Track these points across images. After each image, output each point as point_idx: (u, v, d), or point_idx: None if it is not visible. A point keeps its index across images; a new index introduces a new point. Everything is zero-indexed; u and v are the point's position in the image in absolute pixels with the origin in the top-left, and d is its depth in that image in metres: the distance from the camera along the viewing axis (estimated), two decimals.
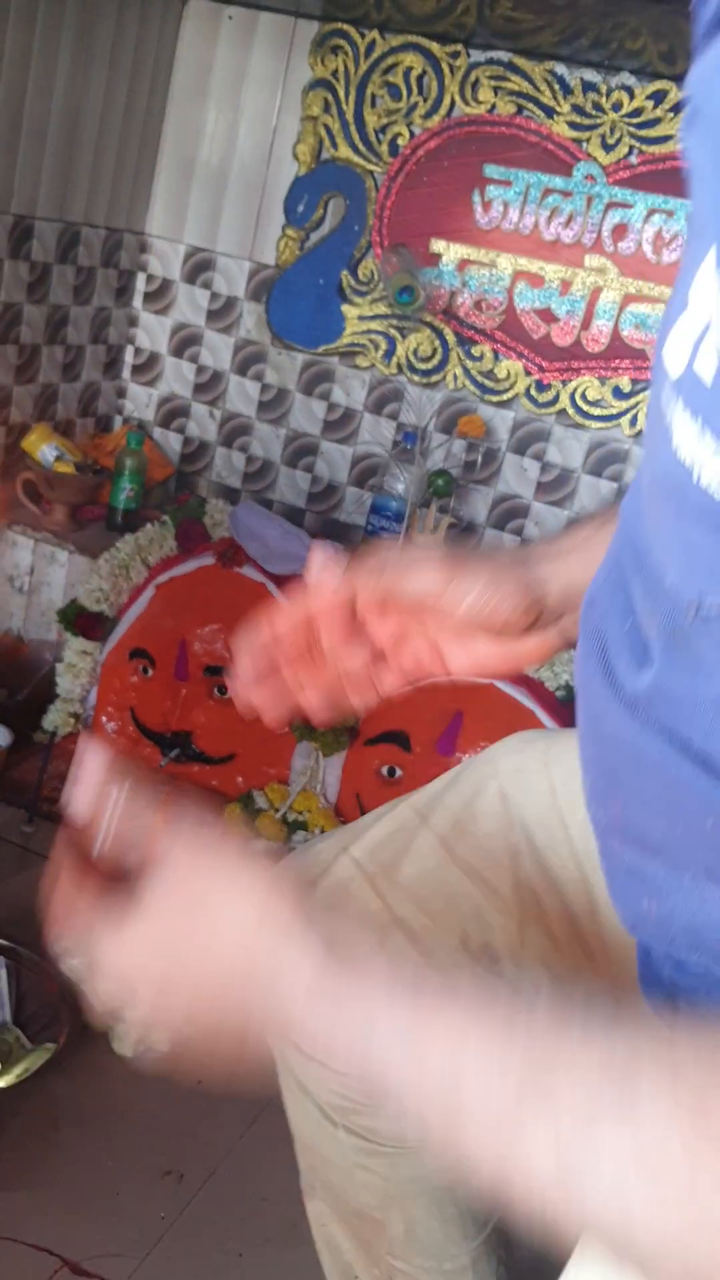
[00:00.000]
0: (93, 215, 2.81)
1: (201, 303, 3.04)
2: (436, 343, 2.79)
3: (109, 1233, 1.52)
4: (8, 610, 2.85)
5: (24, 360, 2.74)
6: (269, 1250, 1.55)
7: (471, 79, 2.62)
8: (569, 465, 2.74)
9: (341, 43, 2.71)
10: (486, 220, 2.68)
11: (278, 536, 2.64)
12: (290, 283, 2.90)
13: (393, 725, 2.41)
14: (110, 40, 2.66)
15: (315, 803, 2.44)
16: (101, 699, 2.69)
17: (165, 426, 3.18)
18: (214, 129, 2.92)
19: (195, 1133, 1.72)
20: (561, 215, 2.61)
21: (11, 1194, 1.54)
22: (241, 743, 2.58)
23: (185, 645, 2.57)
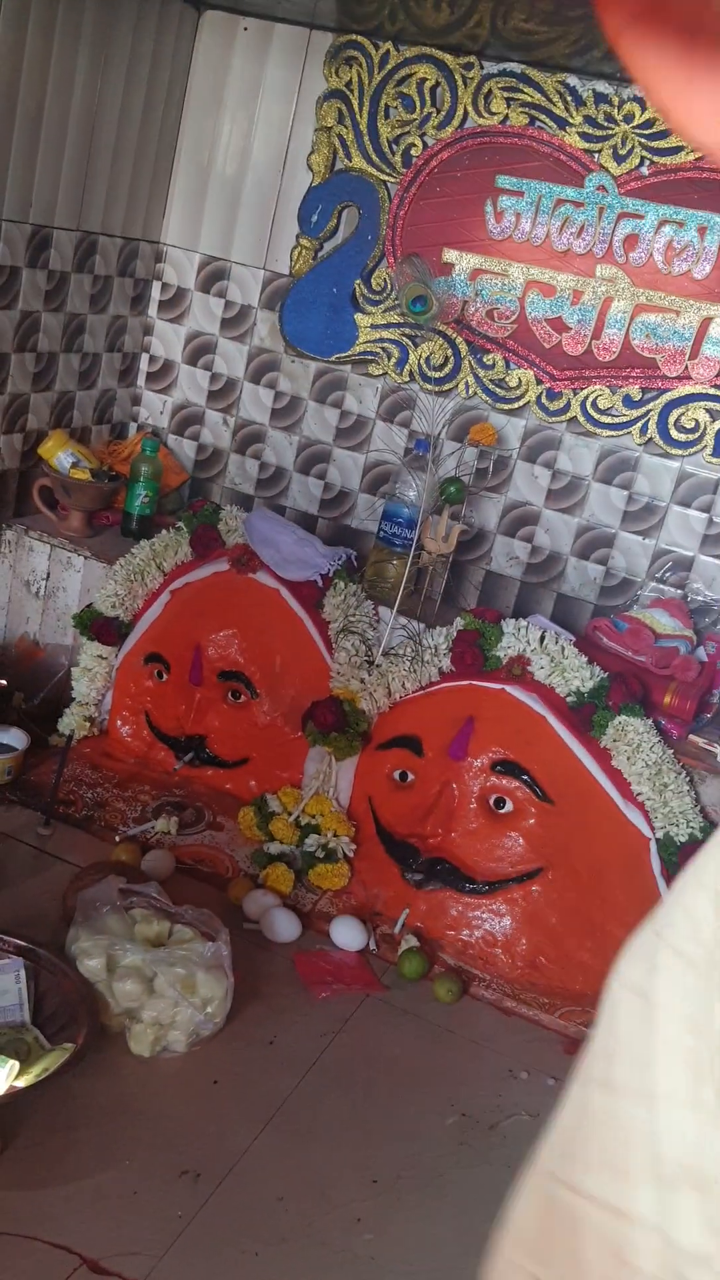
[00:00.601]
0: (109, 225, 2.84)
1: (216, 311, 3.07)
2: (448, 351, 2.81)
3: (127, 1231, 1.54)
4: (24, 615, 2.88)
5: (41, 368, 2.77)
6: (285, 1249, 1.57)
7: (484, 90, 2.65)
8: (580, 473, 2.77)
9: (356, 54, 2.74)
10: (499, 230, 2.70)
11: (291, 543, 2.67)
12: (304, 292, 2.93)
13: (405, 730, 2.44)
14: (127, 51, 2.69)
15: (328, 806, 2.46)
16: (116, 703, 2.72)
17: (179, 433, 3.20)
18: (229, 139, 2.95)
19: (212, 1132, 1.74)
20: (573, 225, 2.63)
21: (31, 1192, 1.56)
22: (255, 747, 2.61)
23: (200, 650, 2.60)
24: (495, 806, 2.29)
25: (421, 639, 2.50)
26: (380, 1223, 1.65)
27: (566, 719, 2.31)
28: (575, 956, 2.22)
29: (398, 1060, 1.99)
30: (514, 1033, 2.13)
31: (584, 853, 2.24)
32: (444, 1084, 1.96)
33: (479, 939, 2.27)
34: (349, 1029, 2.04)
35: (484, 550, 2.90)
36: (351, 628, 2.56)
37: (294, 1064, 1.92)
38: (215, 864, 2.40)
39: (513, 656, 2.39)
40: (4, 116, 2.40)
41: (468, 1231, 1.67)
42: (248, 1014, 1.98)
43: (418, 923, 2.30)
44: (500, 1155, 1.83)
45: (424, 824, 2.34)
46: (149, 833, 2.44)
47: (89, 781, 2.56)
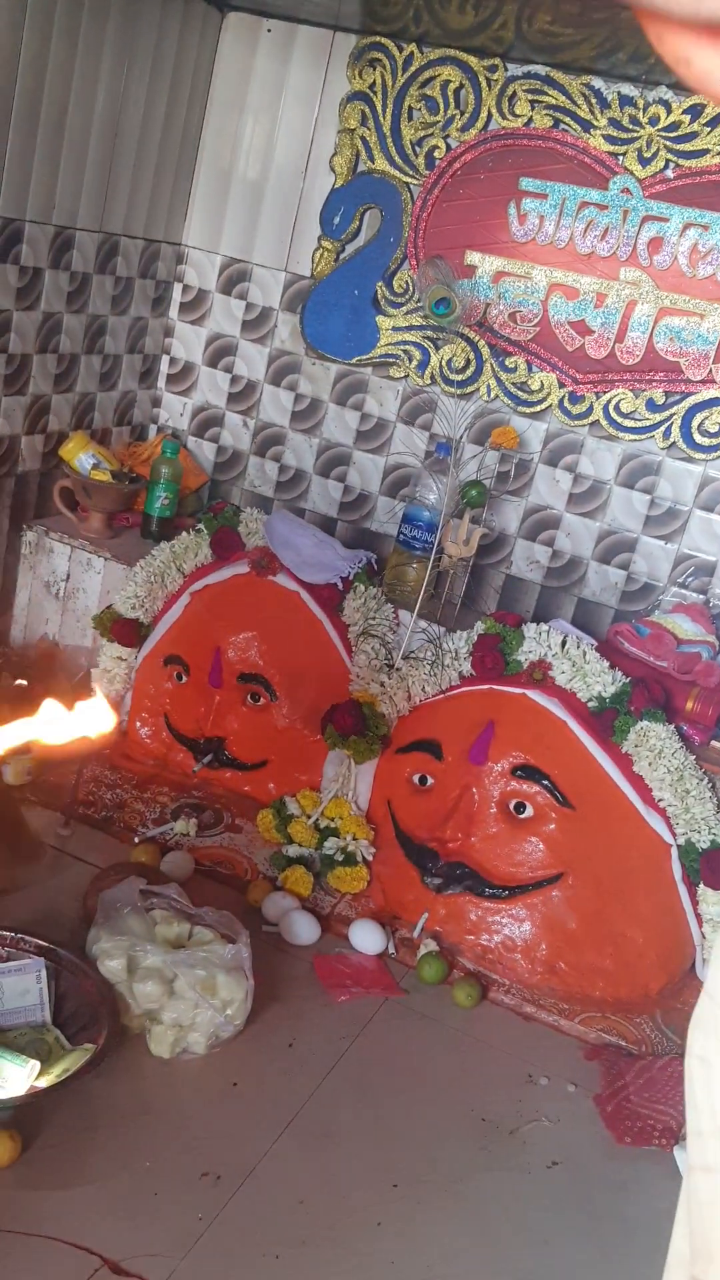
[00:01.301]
0: (131, 226, 2.85)
1: (237, 313, 3.07)
2: (470, 354, 2.81)
3: (147, 1233, 1.54)
4: (44, 616, 2.88)
5: (63, 369, 2.77)
6: (306, 1252, 1.56)
7: (509, 92, 2.64)
8: (601, 477, 2.76)
9: (379, 56, 2.74)
10: (522, 233, 2.69)
11: (311, 545, 2.66)
12: (325, 294, 2.93)
13: (425, 734, 2.43)
14: (150, 53, 2.70)
15: (347, 809, 2.46)
16: (136, 704, 2.72)
17: (199, 435, 3.20)
18: (251, 141, 2.95)
19: (232, 1134, 1.73)
20: (597, 228, 2.62)
21: (52, 1193, 1.56)
22: (274, 749, 2.61)
23: (219, 652, 2.59)
24: (515, 811, 2.29)
25: (442, 643, 2.50)
26: (401, 1227, 1.64)
27: (588, 724, 2.30)
28: (595, 962, 2.21)
29: (417, 1064, 1.98)
30: (533, 1038, 2.12)
31: (605, 858, 2.23)
32: (463, 1089, 1.95)
33: (498, 944, 2.26)
34: (368, 1032, 2.03)
35: (504, 554, 2.89)
36: (371, 631, 2.56)
37: (313, 1067, 1.92)
38: (234, 866, 2.40)
39: (534, 661, 2.39)
40: (28, 118, 2.41)
41: (489, 1237, 1.66)
42: (267, 1016, 1.98)
43: (437, 927, 2.30)
44: (520, 1161, 1.82)
45: (443, 828, 2.33)
46: (168, 834, 2.44)
47: (108, 783, 2.56)
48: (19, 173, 2.43)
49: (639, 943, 2.22)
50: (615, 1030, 2.14)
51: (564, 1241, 1.69)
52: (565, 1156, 1.84)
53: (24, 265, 2.53)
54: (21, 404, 2.68)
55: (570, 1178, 1.81)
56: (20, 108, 2.37)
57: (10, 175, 2.41)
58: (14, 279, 2.52)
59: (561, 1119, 1.93)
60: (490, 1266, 1.62)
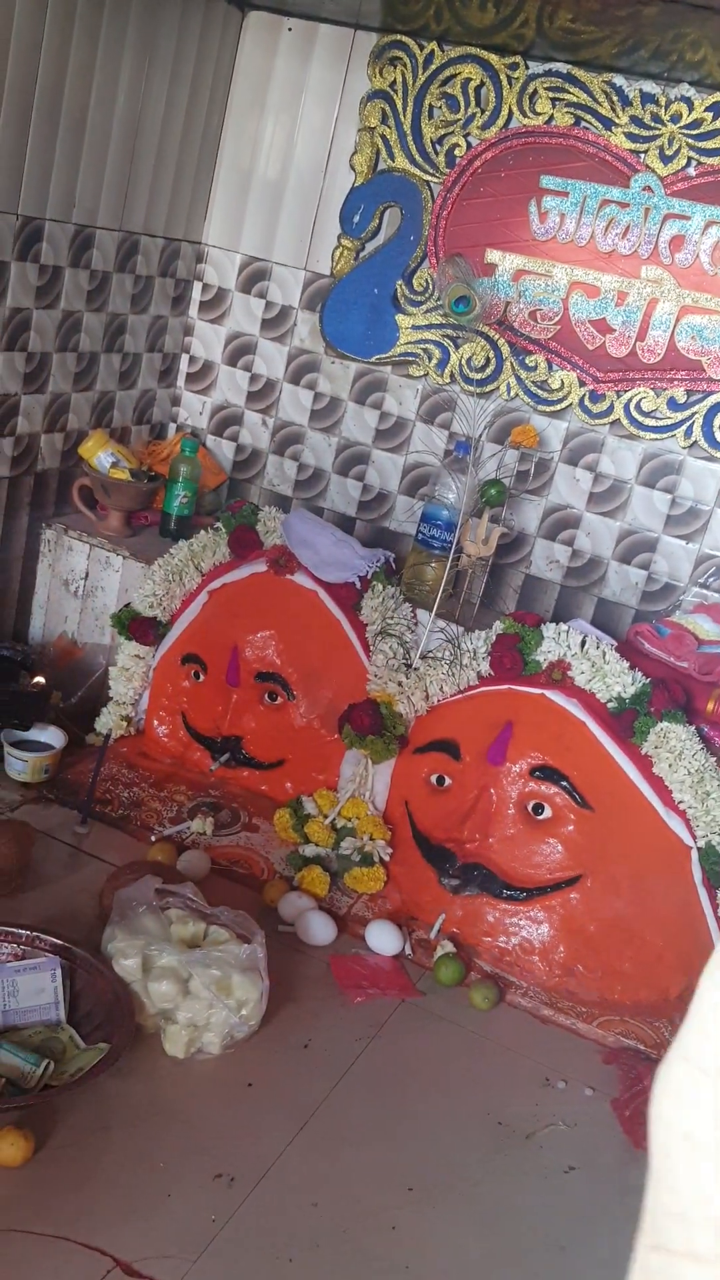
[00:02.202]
0: (151, 225, 2.84)
1: (256, 312, 3.07)
2: (490, 353, 2.79)
3: (160, 1234, 1.53)
4: (62, 614, 2.88)
5: (82, 368, 2.77)
6: (320, 1255, 1.55)
7: (530, 90, 2.63)
8: (622, 476, 2.74)
9: (400, 54, 2.73)
10: (543, 231, 2.68)
11: (330, 544, 2.66)
12: (345, 292, 2.92)
13: (442, 734, 2.42)
14: (171, 52, 2.69)
15: (364, 809, 2.44)
16: (153, 703, 2.72)
17: (218, 434, 3.20)
18: (272, 139, 2.95)
19: (246, 1136, 1.73)
20: (618, 226, 2.60)
21: (65, 1193, 1.56)
22: (291, 748, 2.60)
23: (237, 651, 2.59)
24: (534, 812, 2.27)
25: (460, 642, 2.48)
26: (416, 1230, 1.63)
27: (607, 725, 2.28)
28: (614, 965, 2.19)
29: (433, 1067, 1.97)
30: (551, 1041, 2.10)
31: (624, 861, 2.21)
32: (480, 1092, 1.94)
33: (516, 946, 2.24)
34: (384, 1034, 2.02)
35: (524, 553, 2.87)
36: (389, 630, 2.55)
37: (329, 1068, 1.91)
38: (250, 865, 2.39)
39: (553, 661, 2.37)
40: (49, 117, 2.41)
41: (504, 1242, 1.65)
42: (282, 1017, 1.97)
43: (454, 928, 2.28)
44: (537, 1165, 1.80)
45: (461, 829, 2.32)
46: (185, 833, 2.43)
47: (125, 781, 2.55)
48: (40, 171, 2.43)
49: (658, 946, 2.20)
50: (634, 1034, 2.12)
51: (580, 1247, 1.67)
52: (583, 1161, 1.83)
53: (44, 264, 2.53)
54: (41, 402, 2.68)
55: (587, 1182, 1.79)
56: (41, 106, 2.37)
57: (31, 174, 2.41)
58: (34, 277, 2.52)
59: (579, 1123, 1.91)
60: (506, 1271, 1.61)
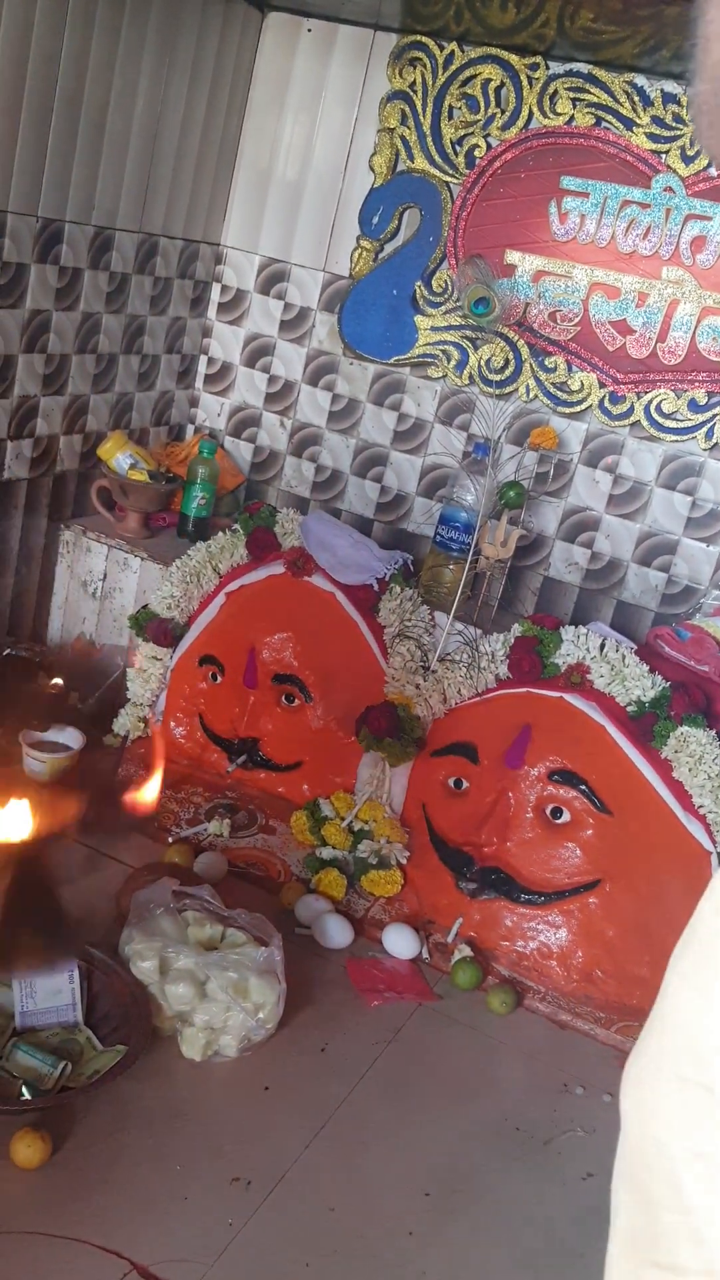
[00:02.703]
0: (170, 227, 2.84)
1: (274, 313, 3.06)
2: (509, 354, 2.78)
3: (177, 1237, 1.53)
4: (80, 615, 2.88)
5: (101, 369, 2.78)
6: (337, 1261, 1.54)
7: (550, 91, 2.62)
8: (642, 478, 2.72)
9: (420, 55, 2.72)
10: (563, 232, 2.67)
11: (348, 546, 2.65)
12: (363, 293, 2.91)
13: (460, 737, 2.41)
14: (191, 54, 2.69)
15: (381, 812, 2.44)
16: (170, 704, 2.72)
17: (236, 436, 3.20)
18: (291, 140, 2.95)
19: (262, 1139, 1.72)
20: (639, 227, 2.59)
21: (82, 1195, 1.55)
22: (308, 750, 2.59)
23: (254, 653, 2.58)
24: (552, 816, 2.26)
25: (478, 645, 2.47)
26: (433, 1237, 1.62)
27: (626, 729, 2.27)
28: (633, 971, 2.18)
29: (451, 1071, 1.96)
30: (569, 1047, 2.09)
31: (643, 865, 2.20)
32: (497, 1097, 1.93)
33: (534, 950, 2.23)
34: (401, 1038, 2.01)
35: (542, 556, 2.86)
36: (407, 632, 2.54)
37: (346, 1072, 1.90)
38: (267, 867, 2.39)
39: (572, 664, 2.36)
40: (68, 119, 2.41)
41: (522, 1249, 1.64)
42: (299, 1020, 1.97)
43: (471, 932, 2.27)
44: (555, 1172, 1.79)
45: (479, 832, 2.31)
46: (201, 835, 2.43)
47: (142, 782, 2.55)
48: (59, 173, 2.44)
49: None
50: None
51: (598, 1254, 1.65)
52: (601, 1168, 1.81)
53: (64, 265, 2.53)
54: (60, 404, 2.68)
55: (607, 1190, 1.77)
56: (61, 108, 2.38)
57: (51, 176, 2.41)
58: (54, 279, 2.52)
59: (597, 1129, 1.90)
60: (523, 1277, 1.60)
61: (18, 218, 2.37)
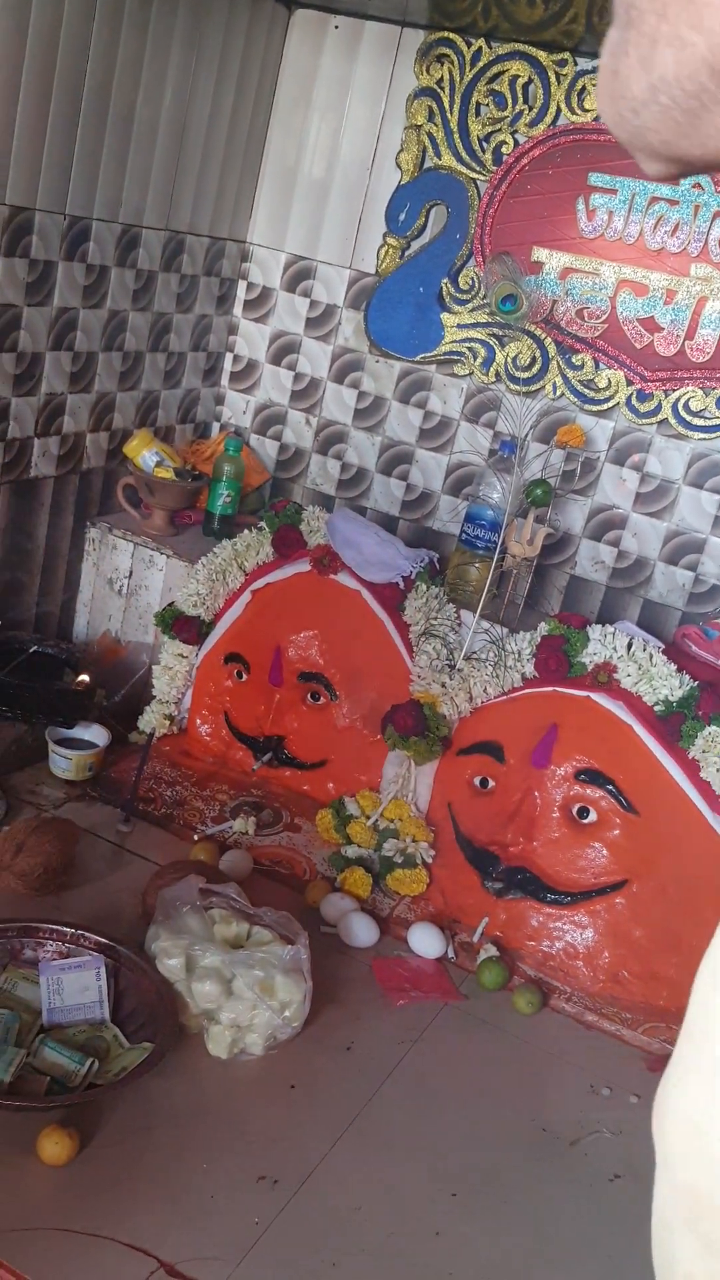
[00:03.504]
0: (197, 224, 2.84)
1: (300, 311, 3.06)
2: (536, 351, 2.77)
3: (203, 1235, 1.53)
4: (106, 612, 2.89)
5: (128, 367, 2.78)
6: (363, 1260, 1.54)
7: (578, 87, 2.60)
8: (669, 476, 2.71)
9: (447, 51, 2.71)
10: (590, 228, 2.65)
11: (374, 544, 2.64)
12: (390, 291, 2.91)
13: (486, 736, 2.40)
14: (218, 51, 2.69)
15: (406, 811, 2.43)
16: (196, 702, 2.72)
17: (262, 433, 3.20)
18: (317, 138, 2.94)
19: (289, 1138, 1.72)
20: (668, 224, 2.57)
21: (109, 1193, 1.56)
22: (334, 749, 2.59)
23: (280, 651, 2.58)
24: (578, 816, 2.25)
25: (504, 644, 2.46)
26: (460, 1237, 1.61)
27: (654, 728, 2.26)
28: (660, 972, 2.17)
29: (477, 1071, 1.96)
30: (595, 1048, 2.08)
31: (670, 866, 2.18)
32: (523, 1098, 1.92)
33: (560, 950, 2.22)
34: (427, 1037, 2.01)
35: (568, 554, 2.85)
36: (433, 631, 2.53)
37: (371, 1071, 1.90)
38: (292, 866, 2.39)
39: (599, 663, 2.35)
40: (96, 117, 2.41)
41: (549, 1251, 1.63)
42: (325, 1019, 1.96)
43: (497, 932, 2.27)
44: (582, 1173, 1.78)
45: (505, 832, 2.30)
46: (227, 832, 2.43)
47: (168, 780, 2.56)
48: (87, 171, 2.44)
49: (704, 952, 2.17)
50: None
51: (625, 1257, 1.65)
52: (627, 1170, 1.81)
53: (91, 263, 2.54)
54: (87, 401, 2.69)
55: (633, 1192, 1.77)
56: (89, 106, 2.38)
57: (79, 174, 2.42)
58: (81, 277, 2.53)
59: (624, 1131, 1.89)
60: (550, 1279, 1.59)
61: (46, 215, 2.38)
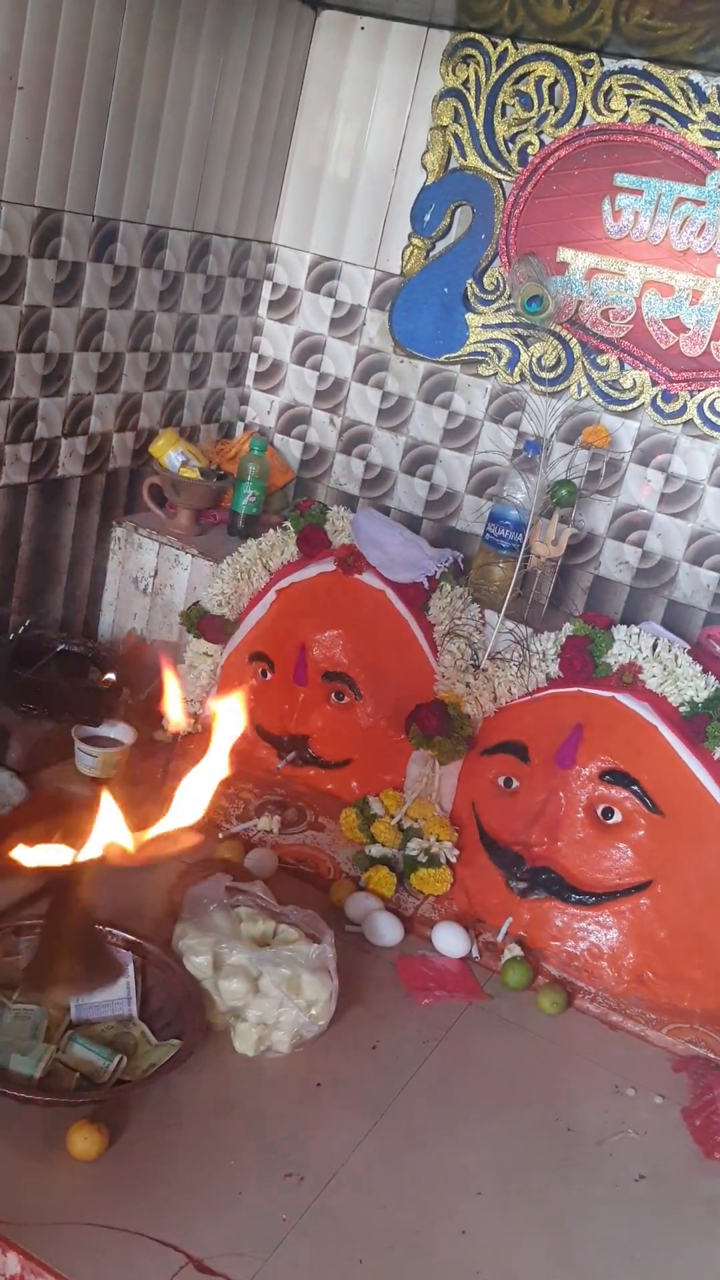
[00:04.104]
0: (223, 225, 2.86)
1: (325, 311, 3.07)
2: (561, 352, 2.77)
3: (232, 1231, 1.54)
4: (132, 611, 2.91)
5: (154, 367, 2.80)
6: (391, 1258, 1.55)
7: (604, 87, 2.60)
8: (694, 477, 2.70)
9: (473, 52, 2.71)
10: (616, 229, 2.65)
11: (398, 544, 2.65)
12: (414, 291, 2.91)
13: (511, 736, 2.40)
14: (244, 53, 2.70)
15: (430, 810, 2.44)
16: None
17: (286, 433, 3.21)
18: (342, 139, 2.95)
19: (315, 1135, 1.73)
20: (694, 224, 2.57)
21: (138, 1188, 1.57)
22: (358, 748, 2.60)
23: (305, 650, 2.59)
24: (603, 816, 2.25)
25: (529, 644, 2.47)
26: (486, 1235, 1.62)
27: (679, 729, 2.26)
28: (685, 973, 2.17)
29: (501, 1071, 1.96)
30: (620, 1048, 2.08)
31: (696, 867, 2.18)
32: (548, 1097, 1.93)
33: (584, 951, 2.22)
34: (451, 1036, 2.01)
35: (592, 554, 2.85)
36: (457, 631, 2.54)
37: (397, 1070, 1.91)
38: (317, 864, 2.40)
39: (624, 664, 2.35)
40: (124, 119, 2.43)
41: (575, 1250, 1.64)
42: (350, 1017, 1.97)
43: (521, 932, 2.27)
44: (607, 1173, 1.79)
45: (529, 832, 2.31)
46: (252, 831, 2.44)
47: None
48: (116, 173, 2.46)
49: None
50: (704, 1042, 2.10)
51: (651, 1257, 1.66)
52: (652, 1170, 1.81)
53: (118, 264, 2.55)
54: (114, 402, 2.71)
55: (658, 1192, 1.78)
56: (117, 109, 2.40)
57: (107, 175, 2.43)
58: (109, 278, 2.54)
59: (649, 1131, 1.89)
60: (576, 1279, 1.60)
61: (74, 217, 2.39)
